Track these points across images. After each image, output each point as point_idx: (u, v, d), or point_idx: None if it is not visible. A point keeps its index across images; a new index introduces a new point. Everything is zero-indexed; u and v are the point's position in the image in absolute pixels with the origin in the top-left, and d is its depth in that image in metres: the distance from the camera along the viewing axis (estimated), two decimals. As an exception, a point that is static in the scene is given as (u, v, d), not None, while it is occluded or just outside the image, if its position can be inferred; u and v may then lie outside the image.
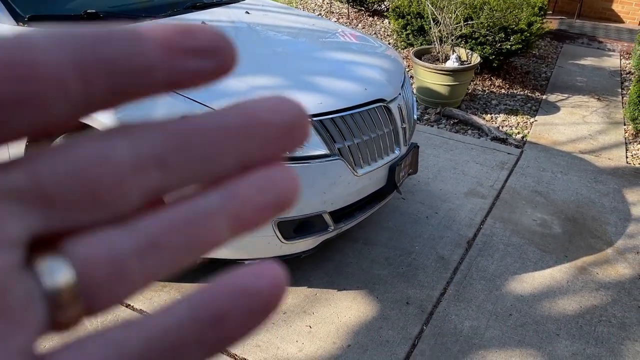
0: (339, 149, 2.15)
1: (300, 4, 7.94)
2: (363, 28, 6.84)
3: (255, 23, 2.75)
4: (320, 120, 2.10)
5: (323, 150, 2.10)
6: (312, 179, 2.09)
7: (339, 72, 2.35)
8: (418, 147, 2.67)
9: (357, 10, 7.53)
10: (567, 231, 2.99)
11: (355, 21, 7.12)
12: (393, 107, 2.40)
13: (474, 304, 2.39)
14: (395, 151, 2.45)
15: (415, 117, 2.78)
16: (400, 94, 2.50)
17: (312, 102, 2.11)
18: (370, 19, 7.27)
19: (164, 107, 1.98)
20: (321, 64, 2.38)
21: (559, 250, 2.82)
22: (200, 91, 2.01)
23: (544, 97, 5.19)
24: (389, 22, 7.03)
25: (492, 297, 2.44)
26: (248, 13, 2.89)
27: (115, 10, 2.54)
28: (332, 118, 2.14)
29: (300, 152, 2.07)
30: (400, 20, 5.35)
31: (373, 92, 2.32)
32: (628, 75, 6.10)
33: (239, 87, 2.07)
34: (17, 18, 2.25)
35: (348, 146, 2.18)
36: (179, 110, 1.96)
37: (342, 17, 7.25)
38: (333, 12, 7.50)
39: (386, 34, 6.60)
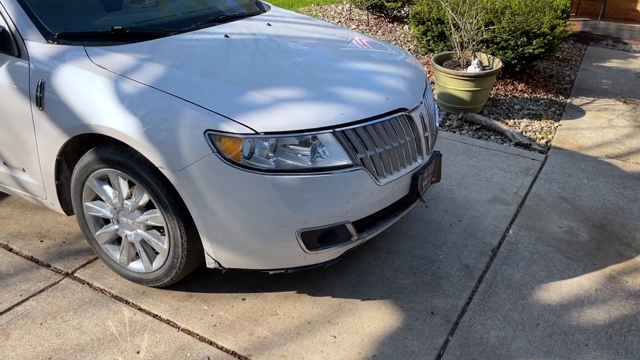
0: (361, 158, 2.16)
1: (320, 12, 7.99)
2: (383, 34, 6.85)
3: (277, 35, 2.78)
4: (342, 131, 2.12)
5: (345, 161, 2.11)
6: (334, 190, 2.10)
7: (361, 82, 2.36)
8: (441, 155, 2.65)
9: (376, 17, 7.54)
10: (594, 238, 2.94)
11: (374, 28, 7.13)
12: (415, 115, 2.40)
13: (500, 314, 2.37)
14: (418, 160, 2.45)
15: (437, 124, 2.77)
16: (422, 102, 2.50)
17: (334, 113, 2.12)
18: (390, 25, 7.27)
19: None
20: (342, 74, 2.40)
21: (587, 258, 2.77)
22: (229, 104, 2.04)
23: (569, 100, 5.12)
24: (409, 28, 7.03)
25: (519, 306, 2.41)
26: (270, 25, 2.92)
27: (140, 26, 2.59)
28: (354, 128, 2.15)
29: (322, 163, 2.08)
30: (420, 26, 5.34)
31: (395, 102, 2.32)
32: (655, 77, 5.97)
33: (262, 99, 2.10)
34: (47, 36, 2.32)
35: (370, 156, 2.19)
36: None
37: (362, 24, 7.26)
38: (352, 19, 7.52)
39: (406, 40, 6.59)
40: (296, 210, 2.07)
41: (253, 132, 2.00)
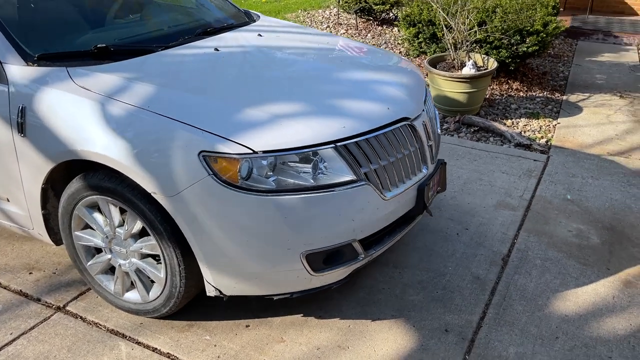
0: (365, 173, 2.04)
1: (308, 18, 7.89)
2: (372, 38, 6.76)
3: (269, 46, 2.66)
4: (344, 145, 2.00)
5: (349, 176, 2.00)
6: (339, 207, 1.99)
7: (360, 92, 2.25)
8: (445, 163, 2.55)
9: (365, 20, 7.45)
10: (605, 241, 2.85)
11: (364, 31, 7.04)
12: (418, 124, 2.29)
13: (516, 328, 2.26)
14: (423, 170, 2.34)
15: (439, 131, 2.67)
16: (423, 110, 2.39)
17: (334, 127, 2.01)
18: (379, 28, 7.18)
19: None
20: (340, 85, 2.29)
21: (600, 262, 2.68)
22: (223, 123, 1.92)
23: (564, 97, 5.05)
24: (398, 31, 6.94)
25: (535, 318, 2.31)
26: (260, 36, 2.81)
27: (125, 42, 2.47)
28: (356, 142, 2.04)
29: (325, 180, 1.97)
30: (411, 28, 5.25)
31: (397, 111, 2.22)
32: (649, 69, 5.93)
33: (258, 116, 1.98)
34: (27, 58, 2.19)
35: (374, 169, 2.08)
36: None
37: (351, 28, 7.17)
38: (341, 24, 7.43)
39: (396, 42, 6.51)
40: (300, 232, 1.96)
41: (251, 151, 1.88)
